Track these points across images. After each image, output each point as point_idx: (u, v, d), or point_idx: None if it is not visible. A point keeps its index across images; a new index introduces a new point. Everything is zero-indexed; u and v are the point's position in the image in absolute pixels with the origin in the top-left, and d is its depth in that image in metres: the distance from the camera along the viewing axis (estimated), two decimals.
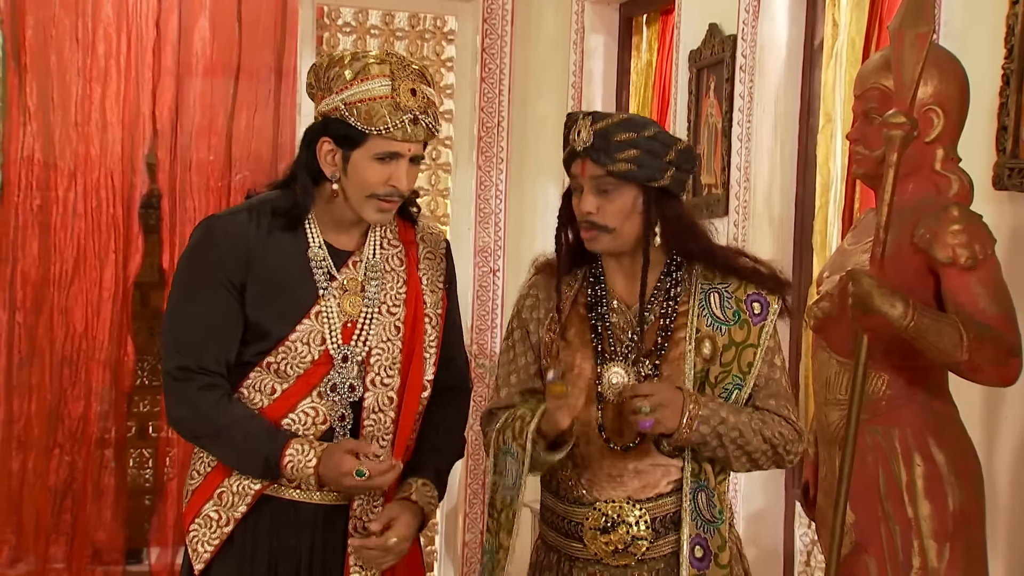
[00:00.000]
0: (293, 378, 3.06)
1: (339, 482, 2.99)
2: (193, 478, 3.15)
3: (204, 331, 3.04)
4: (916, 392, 3.19)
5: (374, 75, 2.97)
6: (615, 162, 2.89)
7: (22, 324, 6.68)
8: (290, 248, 3.08)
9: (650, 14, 6.26)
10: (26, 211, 6.71)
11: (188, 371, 3.03)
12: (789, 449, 3.01)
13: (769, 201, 4.91)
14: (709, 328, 2.98)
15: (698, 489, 2.97)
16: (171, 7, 6.79)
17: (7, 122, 6.61)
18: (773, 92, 4.91)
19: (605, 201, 2.93)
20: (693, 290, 3.01)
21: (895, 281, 3.03)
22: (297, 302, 3.06)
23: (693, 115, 5.33)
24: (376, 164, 2.98)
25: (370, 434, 3.10)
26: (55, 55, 6.73)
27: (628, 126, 2.91)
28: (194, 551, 3.09)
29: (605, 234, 2.95)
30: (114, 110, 6.75)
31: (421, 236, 3.24)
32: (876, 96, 3.24)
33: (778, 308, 3.03)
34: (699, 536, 2.95)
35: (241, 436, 3.02)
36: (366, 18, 6.89)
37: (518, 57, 6.86)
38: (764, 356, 3.00)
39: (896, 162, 3.03)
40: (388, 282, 3.14)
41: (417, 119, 2.97)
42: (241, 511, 3.07)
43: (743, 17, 4.95)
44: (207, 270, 3.05)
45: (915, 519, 3.14)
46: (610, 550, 2.96)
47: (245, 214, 3.11)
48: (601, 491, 2.97)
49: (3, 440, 6.70)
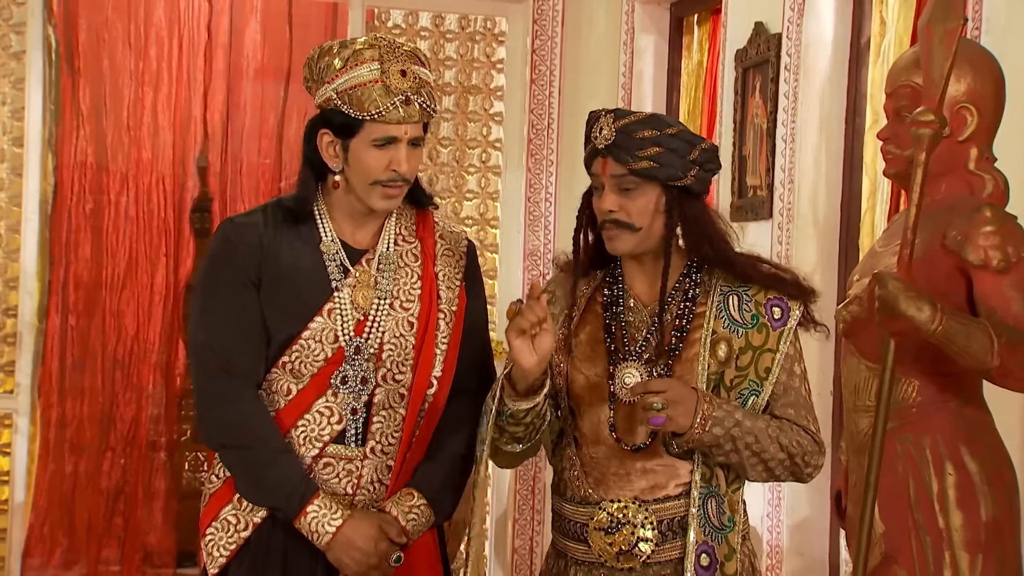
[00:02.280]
0: (308, 377, 3.05)
1: (364, 555, 2.99)
2: (212, 482, 3.14)
3: (231, 330, 3.05)
4: (948, 398, 3.11)
5: (362, 61, 2.97)
6: (637, 160, 2.85)
7: (74, 327, 6.74)
8: (302, 244, 3.08)
9: (700, 14, 6.17)
10: (79, 215, 6.76)
11: (222, 371, 3.04)
12: (808, 461, 2.94)
13: (814, 203, 4.82)
14: (726, 330, 2.92)
15: (708, 495, 2.91)
16: (222, 10, 6.82)
17: (60, 126, 6.66)
18: (819, 91, 4.82)
19: (627, 200, 2.88)
20: (712, 292, 2.96)
21: (925, 284, 2.96)
22: (308, 300, 3.06)
23: (739, 116, 5.24)
24: (375, 150, 2.98)
25: (379, 431, 3.07)
26: (108, 59, 6.78)
27: (651, 123, 2.87)
28: (209, 555, 3.08)
29: (628, 232, 2.90)
30: (165, 114, 6.79)
31: (440, 234, 3.21)
32: (907, 94, 3.17)
33: (799, 314, 2.95)
34: (706, 543, 2.88)
35: (263, 467, 3.03)
36: (416, 20, 6.87)
37: (568, 58, 6.80)
38: (783, 363, 2.93)
39: (924, 161, 2.96)
40: (402, 277, 3.12)
41: (409, 100, 2.96)
42: (261, 515, 3.06)
43: (788, 15, 4.86)
44: (226, 270, 3.07)
45: (946, 530, 3.07)
46: (614, 551, 2.90)
47: (260, 213, 3.13)
48: (607, 491, 2.92)
49: (56, 443, 6.75)
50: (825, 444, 3.02)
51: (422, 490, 3.07)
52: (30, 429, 6.50)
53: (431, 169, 6.87)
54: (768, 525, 4.93)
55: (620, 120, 2.87)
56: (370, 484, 3.08)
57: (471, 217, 6.91)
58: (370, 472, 3.07)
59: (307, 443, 3.06)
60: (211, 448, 3.16)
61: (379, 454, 3.07)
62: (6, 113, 6.43)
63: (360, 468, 3.07)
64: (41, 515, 6.71)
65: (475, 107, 6.91)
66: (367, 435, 3.07)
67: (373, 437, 3.07)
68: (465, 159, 6.92)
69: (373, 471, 3.08)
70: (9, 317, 6.47)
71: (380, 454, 3.07)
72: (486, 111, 6.93)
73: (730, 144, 5.31)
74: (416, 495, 3.07)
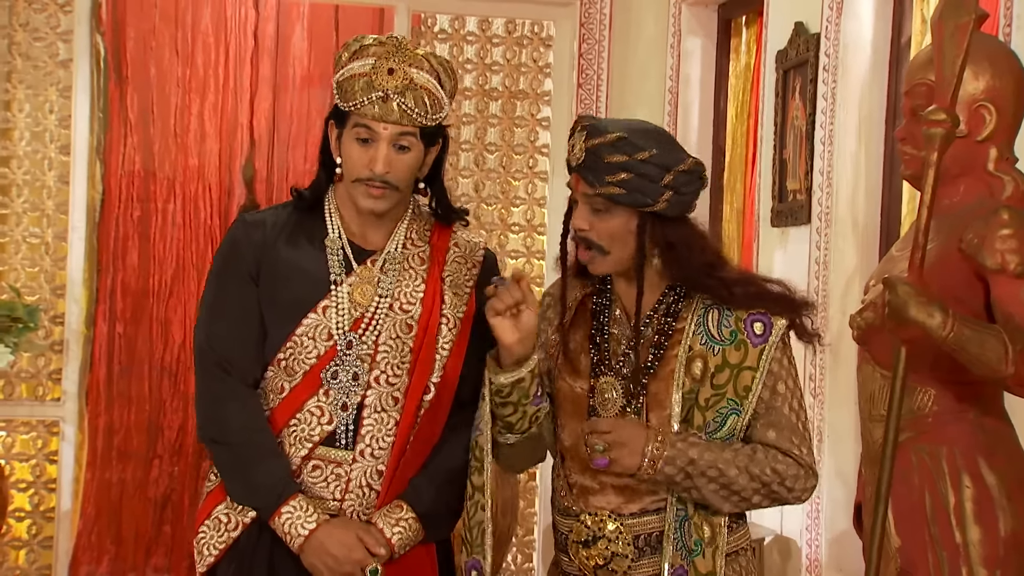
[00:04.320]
0: (300, 375, 3.03)
1: (336, 561, 2.95)
2: (211, 480, 3.13)
3: (232, 328, 3.06)
4: (966, 408, 3.02)
5: (363, 55, 3.00)
6: (604, 184, 2.76)
7: (122, 335, 6.77)
8: (308, 239, 3.08)
9: (748, 15, 6.07)
10: (126, 222, 6.80)
11: (219, 367, 3.04)
12: (790, 486, 2.83)
13: (853, 208, 4.71)
14: (703, 347, 2.83)
15: (685, 518, 2.83)
16: (268, 17, 6.82)
17: (108, 134, 6.68)
18: (858, 93, 4.72)
19: (597, 220, 2.80)
20: (693, 307, 2.87)
21: (940, 289, 2.88)
22: (304, 295, 3.04)
23: (779, 118, 5.14)
24: (357, 145, 2.99)
25: (369, 433, 3.03)
26: (155, 66, 6.80)
27: (621, 147, 2.75)
28: (199, 553, 3.07)
29: (600, 256, 2.83)
30: (212, 121, 6.80)
31: (455, 241, 3.16)
32: (923, 92, 3.09)
33: (782, 330, 2.83)
34: (681, 568, 2.81)
35: (249, 466, 3.01)
36: (463, 24, 6.83)
37: (616, 62, 6.74)
38: (765, 381, 2.83)
39: (936, 162, 2.89)
40: (405, 279, 3.08)
41: (388, 97, 2.95)
42: (251, 516, 3.03)
43: (827, 14, 4.76)
44: (229, 268, 3.09)
45: (963, 544, 2.99)
46: (591, 564, 2.85)
47: (273, 210, 3.18)
48: (586, 502, 2.87)
49: (103, 451, 6.78)
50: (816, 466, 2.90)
51: (412, 504, 3.02)
52: (77, 437, 6.53)
53: (478, 175, 6.83)
54: (807, 539, 4.82)
55: (591, 140, 2.76)
56: (359, 489, 3.03)
57: (518, 223, 6.86)
58: (359, 476, 3.02)
59: (297, 443, 3.02)
60: (202, 441, 3.15)
61: (369, 458, 3.02)
62: (53, 121, 6.46)
63: (349, 472, 3.02)
64: (89, 523, 6.74)
65: (522, 112, 6.86)
66: (357, 437, 3.03)
67: (363, 440, 3.02)
68: (512, 165, 6.87)
69: (363, 475, 3.02)
70: (56, 325, 6.50)
71: (371, 458, 3.02)
72: (533, 116, 6.87)
73: (771, 147, 5.21)
74: (405, 508, 3.02)
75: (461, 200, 6.82)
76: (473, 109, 6.83)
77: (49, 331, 6.48)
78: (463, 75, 6.81)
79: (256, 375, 3.06)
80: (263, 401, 3.06)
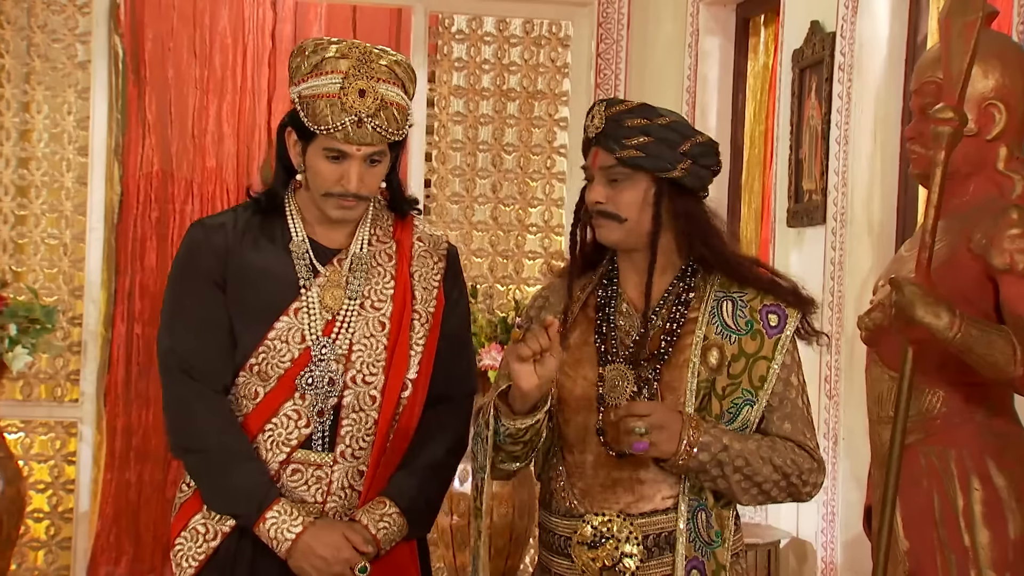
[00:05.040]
0: (274, 379, 3.00)
1: (325, 563, 2.94)
2: (183, 491, 3.09)
3: (195, 334, 3.01)
4: (975, 410, 3.00)
5: (328, 71, 2.91)
6: (624, 148, 2.74)
7: (140, 336, 6.76)
8: (271, 244, 3.04)
9: (767, 14, 6.03)
10: (144, 223, 6.80)
11: (184, 374, 3.00)
12: (806, 479, 2.80)
13: (868, 208, 4.67)
14: (718, 336, 2.81)
15: (698, 508, 2.79)
16: (286, 18, 6.82)
17: (126, 135, 6.68)
18: (873, 92, 4.68)
19: (614, 191, 2.78)
20: (706, 296, 2.84)
21: (948, 289, 2.85)
22: (275, 300, 3.01)
23: (795, 118, 5.11)
24: (326, 162, 2.94)
25: (349, 434, 3.01)
26: (173, 68, 6.81)
27: (641, 112, 2.77)
28: (178, 566, 3.03)
29: (615, 223, 2.79)
30: (230, 122, 6.80)
31: (419, 236, 3.15)
32: (932, 91, 3.06)
33: (796, 323, 2.82)
34: (696, 559, 2.76)
35: (225, 472, 2.99)
36: (480, 25, 6.81)
37: (634, 62, 6.71)
38: (779, 373, 2.80)
39: (944, 160, 2.87)
40: (374, 277, 3.07)
41: (362, 122, 2.90)
42: (230, 525, 3.01)
43: (842, 13, 4.73)
44: (191, 273, 3.04)
45: (972, 547, 2.96)
46: (597, 567, 2.79)
47: (230, 212, 3.11)
48: (592, 503, 2.81)
49: (121, 451, 6.78)
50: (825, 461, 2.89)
51: (395, 499, 3.00)
52: (95, 438, 6.53)
53: (495, 176, 6.81)
54: (822, 541, 4.79)
55: (611, 108, 2.78)
56: (341, 491, 3.02)
57: (535, 224, 6.84)
58: (340, 478, 3.01)
59: (274, 448, 3.00)
60: (175, 455, 3.12)
61: (349, 459, 3.01)
62: (71, 122, 6.47)
63: (330, 474, 3.01)
64: (107, 524, 6.74)
65: (540, 112, 6.83)
66: (336, 439, 3.01)
67: (343, 441, 3.01)
68: (530, 165, 6.85)
69: (344, 477, 3.02)
70: (74, 326, 6.51)
71: (351, 459, 3.01)
72: (551, 116, 6.85)
73: (787, 147, 5.17)
74: (388, 503, 3.00)
75: (478, 201, 6.81)
76: (491, 110, 6.82)
77: (67, 332, 6.50)
78: (480, 75, 6.79)
79: (225, 381, 3.02)
80: (236, 407, 3.02)
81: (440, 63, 6.79)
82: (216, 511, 3.00)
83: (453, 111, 6.79)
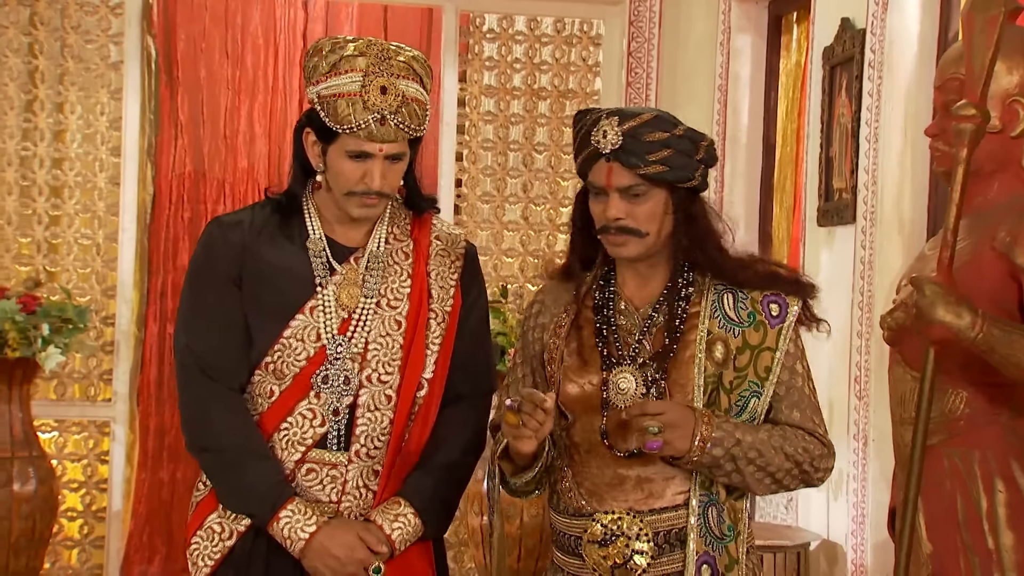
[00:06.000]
0: (290, 378, 3.00)
1: (339, 563, 2.93)
2: (199, 489, 3.10)
3: (212, 332, 3.02)
4: (999, 411, 2.94)
5: (346, 70, 2.91)
6: (648, 164, 2.73)
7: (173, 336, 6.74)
8: (288, 242, 3.04)
9: (799, 11, 5.98)
10: (177, 223, 6.83)
11: (201, 372, 3.01)
12: (817, 466, 2.81)
13: (899, 207, 4.62)
14: (721, 330, 2.80)
15: (708, 503, 2.78)
16: (317, 18, 6.83)
17: (159, 135, 6.71)
18: (904, 89, 4.63)
19: (633, 206, 2.76)
20: (706, 290, 2.84)
21: (971, 289, 2.81)
22: (291, 298, 3.01)
23: (826, 116, 5.06)
24: (349, 161, 2.93)
25: (364, 433, 3.01)
26: (205, 68, 6.83)
27: (658, 125, 2.75)
28: (194, 564, 3.03)
29: (636, 238, 2.78)
30: (261, 122, 6.82)
31: (437, 234, 3.14)
32: (956, 87, 3.01)
33: (797, 310, 2.82)
34: (707, 554, 2.76)
35: (240, 471, 2.98)
36: (511, 24, 6.81)
37: (666, 61, 6.68)
38: (784, 362, 2.81)
39: (966, 158, 2.82)
40: (391, 275, 3.06)
41: (385, 119, 2.90)
42: (245, 524, 3.01)
43: (873, 9, 4.68)
44: (208, 271, 3.04)
45: (996, 550, 2.90)
46: (608, 565, 2.78)
47: (248, 210, 3.12)
48: (601, 501, 2.81)
49: (155, 451, 6.81)
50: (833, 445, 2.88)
51: (410, 499, 3.00)
52: (128, 437, 6.56)
53: (526, 175, 6.79)
54: (852, 543, 4.75)
55: (626, 122, 2.74)
56: (356, 490, 3.01)
57: (566, 224, 6.77)
58: (355, 477, 3.01)
59: (289, 447, 3.00)
60: (191, 453, 3.11)
61: (364, 458, 3.01)
62: (104, 123, 6.50)
63: (344, 474, 3.01)
64: (140, 523, 6.77)
65: (571, 112, 6.80)
66: (351, 438, 3.01)
67: (358, 440, 3.01)
68: (560, 164, 6.83)
69: (359, 476, 3.01)
70: (107, 326, 6.54)
71: (366, 458, 3.01)
72: None
73: (817, 145, 5.13)
74: (403, 504, 2.99)
75: (509, 200, 6.80)
76: (521, 109, 6.80)
77: (100, 332, 6.53)
78: (511, 74, 6.78)
79: (241, 379, 3.02)
80: (251, 406, 3.02)
81: (471, 62, 6.78)
82: (231, 510, 3.00)
83: (484, 110, 6.78)
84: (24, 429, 6.00)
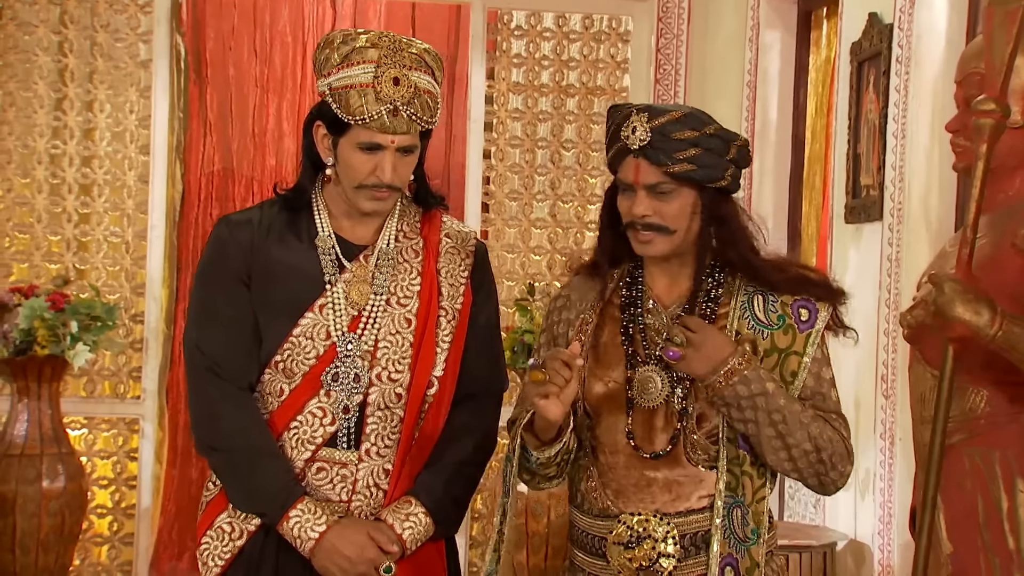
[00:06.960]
0: (300, 376, 2.99)
1: (349, 563, 2.92)
2: (209, 489, 3.09)
3: (221, 331, 3.01)
4: (1020, 410, 2.91)
5: (358, 61, 2.90)
6: (675, 162, 2.70)
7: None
8: (297, 240, 3.03)
9: (828, 7, 5.94)
10: (206, 221, 6.85)
11: (210, 372, 2.99)
12: (835, 463, 2.78)
13: (926, 204, 4.58)
14: (750, 332, 2.78)
15: (733, 505, 2.76)
16: (345, 16, 6.83)
17: (188, 133, 6.73)
18: (931, 85, 4.58)
19: (661, 203, 2.74)
20: (736, 292, 2.82)
21: (993, 286, 2.78)
22: (300, 296, 3.00)
23: (853, 112, 5.03)
24: (360, 154, 2.92)
25: (374, 432, 3.00)
26: (233, 66, 6.84)
27: (689, 123, 2.72)
28: (204, 564, 3.03)
29: (664, 236, 2.76)
30: (289, 120, 6.83)
31: (446, 232, 3.13)
32: (976, 82, 2.98)
33: (827, 316, 2.78)
34: (730, 556, 2.74)
35: (250, 471, 2.97)
36: (539, 21, 6.79)
37: (695, 57, 6.66)
38: (810, 367, 2.79)
39: (986, 154, 2.78)
40: (400, 273, 3.05)
41: (398, 110, 2.89)
42: (255, 523, 3.00)
43: (900, 4, 4.64)
44: (217, 270, 3.04)
45: (1017, 551, 2.86)
46: (634, 567, 2.76)
47: (256, 208, 3.12)
48: (627, 503, 2.78)
49: (183, 448, 6.82)
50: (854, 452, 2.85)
51: (421, 498, 2.99)
52: (157, 434, 6.58)
53: (554, 172, 6.77)
54: (879, 544, 4.71)
55: (656, 119, 2.71)
56: (366, 489, 3.00)
57: (594, 221, 6.76)
58: (366, 476, 3.00)
59: (299, 445, 2.99)
60: (200, 453, 3.11)
61: (375, 457, 3.00)
62: (133, 121, 6.52)
63: (355, 473, 3.00)
64: (170, 520, 6.79)
65: (599, 108, 6.79)
66: (361, 437, 3.00)
67: (368, 439, 3.00)
68: (589, 162, 6.81)
69: (369, 475, 3.00)
70: (137, 323, 6.56)
71: (376, 457, 3.00)
72: None
73: (844, 142, 5.09)
74: (414, 503, 2.98)
75: (537, 198, 6.78)
76: (549, 106, 6.78)
77: (129, 329, 6.55)
78: (540, 71, 6.77)
79: (250, 378, 3.01)
80: (261, 405, 3.01)
81: (499, 59, 6.77)
82: (241, 510, 2.99)
83: (512, 107, 6.77)
84: (53, 426, 6.03)
